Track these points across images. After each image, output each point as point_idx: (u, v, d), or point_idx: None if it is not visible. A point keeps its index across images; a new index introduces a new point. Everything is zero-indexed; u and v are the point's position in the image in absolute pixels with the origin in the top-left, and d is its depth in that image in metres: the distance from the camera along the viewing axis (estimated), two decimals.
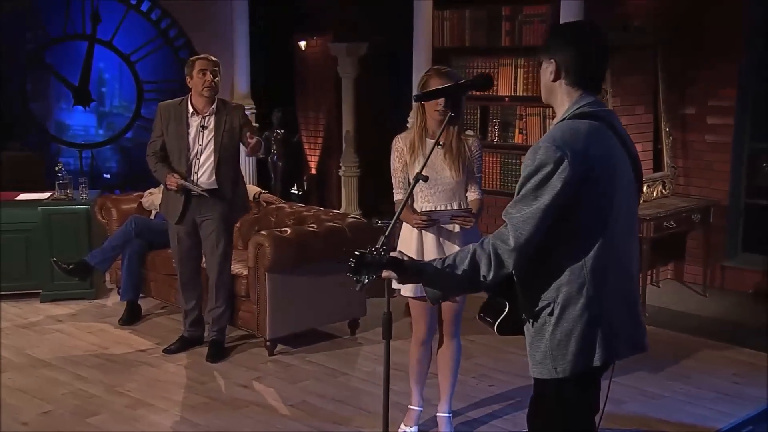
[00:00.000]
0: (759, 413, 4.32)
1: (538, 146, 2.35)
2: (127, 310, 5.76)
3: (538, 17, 6.12)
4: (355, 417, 4.26)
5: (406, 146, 3.81)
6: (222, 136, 4.89)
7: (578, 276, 2.38)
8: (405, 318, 5.79)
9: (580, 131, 2.39)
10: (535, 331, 2.45)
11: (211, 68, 4.87)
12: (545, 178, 2.32)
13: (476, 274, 2.38)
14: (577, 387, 2.46)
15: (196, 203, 4.95)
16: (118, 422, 4.21)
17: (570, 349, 2.39)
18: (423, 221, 3.70)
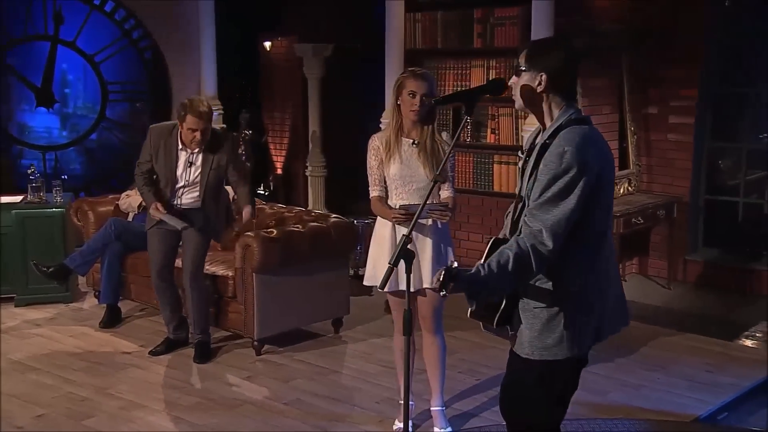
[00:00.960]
0: (733, 400, 4.57)
1: (562, 150, 2.52)
2: (108, 312, 5.77)
3: (510, 20, 6.31)
4: (350, 414, 4.37)
5: (382, 145, 3.93)
6: (208, 175, 4.95)
7: (590, 267, 2.63)
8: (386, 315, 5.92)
9: (588, 137, 2.59)
10: (548, 318, 2.63)
11: (201, 127, 4.81)
12: (572, 180, 2.50)
13: (526, 273, 2.56)
14: (579, 364, 2.73)
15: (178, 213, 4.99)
16: (114, 424, 4.25)
17: (584, 331, 2.64)
18: (400, 215, 3.81)
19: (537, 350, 2.65)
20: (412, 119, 3.83)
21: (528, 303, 2.66)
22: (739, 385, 4.72)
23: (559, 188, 2.51)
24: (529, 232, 2.55)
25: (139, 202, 6.01)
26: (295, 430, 4.18)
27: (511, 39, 6.31)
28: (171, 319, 5.22)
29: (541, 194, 2.55)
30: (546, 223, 2.52)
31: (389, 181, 3.91)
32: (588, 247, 2.62)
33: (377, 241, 3.97)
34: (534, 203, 2.56)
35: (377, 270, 3.95)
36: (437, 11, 6.72)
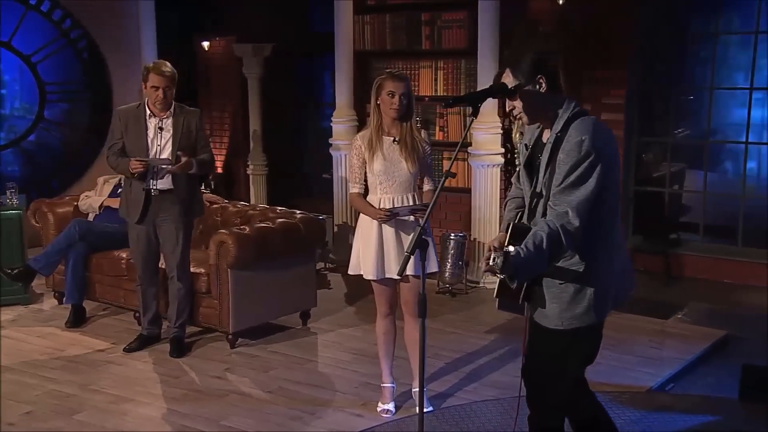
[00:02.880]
0: (678, 371, 5.07)
1: (580, 140, 2.89)
2: (73, 312, 5.86)
3: (456, 23, 6.70)
4: (333, 399, 4.64)
5: (364, 143, 4.24)
6: (180, 138, 5.10)
7: (606, 239, 3.03)
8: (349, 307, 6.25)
9: (597, 125, 2.98)
10: (575, 290, 3.01)
11: (164, 85, 5.00)
12: (591, 165, 2.89)
13: (559, 251, 2.93)
14: (601, 325, 3.13)
15: (155, 204, 5.15)
16: (105, 417, 4.40)
17: (606, 298, 3.04)
18: (386, 216, 4.14)
19: (566, 320, 3.03)
20: (392, 117, 4.15)
21: (552, 280, 3.03)
22: (682, 358, 5.23)
23: (580, 173, 2.89)
24: (556, 214, 2.91)
25: (100, 203, 6.13)
26: (283, 415, 4.43)
27: (458, 41, 6.70)
28: (146, 315, 5.37)
29: (564, 179, 2.91)
30: (571, 204, 2.89)
31: (373, 177, 4.21)
32: (604, 221, 3.00)
33: (363, 234, 4.26)
34: (557, 188, 2.93)
35: (362, 260, 4.26)
36: (385, 14, 7.04)
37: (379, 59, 7.15)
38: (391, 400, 4.45)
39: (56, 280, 6.14)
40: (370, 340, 5.48)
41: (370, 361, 5.12)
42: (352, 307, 6.23)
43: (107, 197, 6.16)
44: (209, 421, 4.35)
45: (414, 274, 4.16)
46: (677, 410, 4.41)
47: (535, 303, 3.11)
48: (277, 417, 4.41)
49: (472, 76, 6.57)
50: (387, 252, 4.20)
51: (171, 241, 5.18)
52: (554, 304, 3.06)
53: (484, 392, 4.69)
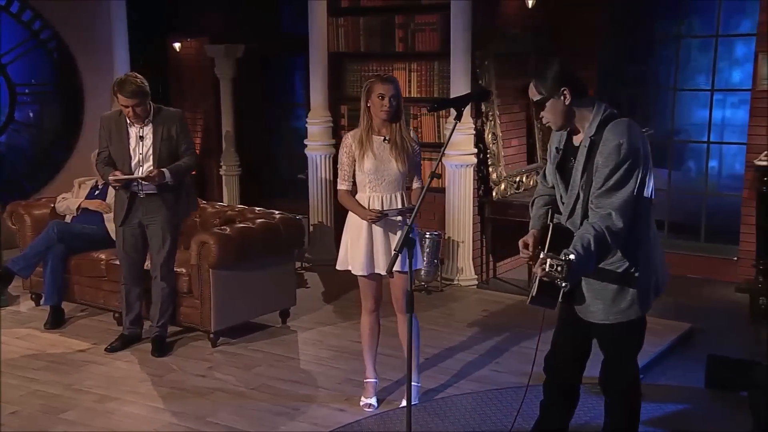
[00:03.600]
0: (647, 363, 5.25)
1: (619, 143, 3.06)
2: (52, 314, 5.90)
3: (430, 25, 6.85)
4: (316, 395, 4.76)
5: (355, 142, 4.38)
6: (159, 146, 5.17)
7: (647, 240, 3.23)
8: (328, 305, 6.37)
9: (632, 126, 3.15)
10: (618, 288, 3.20)
11: (131, 104, 5.03)
12: (630, 168, 3.07)
13: (607, 252, 3.10)
14: (644, 318, 3.35)
15: (141, 206, 5.22)
16: (93, 416, 4.48)
17: (648, 292, 3.25)
18: (376, 218, 4.29)
19: (612, 315, 3.22)
20: (382, 118, 4.29)
21: (594, 280, 3.19)
22: (650, 351, 5.39)
23: (621, 175, 3.06)
24: (599, 216, 3.07)
25: (77, 204, 6.18)
26: (268, 411, 4.54)
27: (431, 43, 6.85)
28: (129, 315, 5.44)
29: (605, 182, 3.08)
30: (614, 206, 3.06)
31: (363, 175, 4.34)
32: (642, 219, 3.18)
33: (352, 230, 4.39)
34: (599, 191, 3.09)
35: (350, 256, 4.39)
36: (359, 16, 7.17)
37: (354, 61, 7.28)
38: (373, 394, 4.58)
39: (33, 282, 6.17)
40: (350, 337, 5.64)
41: (350, 358, 5.26)
42: (330, 306, 6.35)
43: (84, 199, 6.20)
44: (195, 418, 4.45)
45: (402, 270, 4.29)
46: (648, 399, 4.55)
47: (576, 300, 3.28)
48: (262, 413, 4.52)
49: (445, 78, 6.72)
50: (376, 248, 4.33)
51: (158, 242, 5.25)
52: (598, 301, 3.25)
53: (464, 386, 4.85)
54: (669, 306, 6.40)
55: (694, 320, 6.00)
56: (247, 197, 9.15)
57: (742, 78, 7.26)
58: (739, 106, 7.31)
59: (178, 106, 9.74)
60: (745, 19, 7.15)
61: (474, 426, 4.29)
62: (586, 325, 3.35)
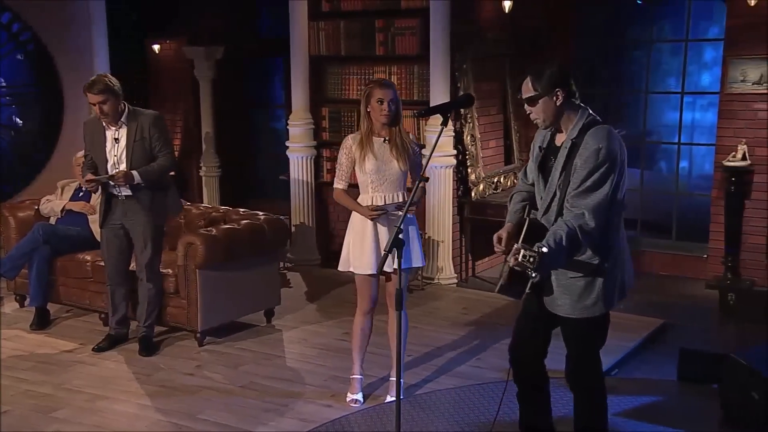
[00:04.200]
0: (622, 358, 5.45)
1: (599, 147, 3.23)
2: (37, 315, 5.96)
3: (409, 29, 6.98)
4: (303, 391, 4.87)
5: (355, 144, 4.51)
6: (132, 148, 5.23)
7: (616, 240, 3.39)
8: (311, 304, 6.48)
9: (612, 133, 3.33)
10: (585, 284, 3.36)
11: (98, 101, 5.12)
12: (606, 172, 3.24)
13: (577, 249, 3.26)
14: (607, 316, 3.50)
15: (120, 208, 5.31)
16: (83, 415, 4.56)
17: (613, 291, 3.40)
18: (377, 214, 4.42)
19: (578, 310, 3.38)
20: (382, 122, 4.43)
21: (564, 273, 3.35)
22: (625, 346, 5.60)
23: (597, 178, 3.23)
24: (573, 215, 3.24)
25: (62, 206, 6.24)
26: (256, 408, 4.65)
27: (411, 47, 6.98)
28: (115, 315, 5.52)
29: (581, 183, 3.24)
30: (588, 207, 3.23)
31: (365, 176, 4.46)
32: (614, 221, 3.35)
33: (355, 231, 4.51)
34: (575, 191, 3.25)
35: (353, 256, 4.51)
36: (340, 20, 7.28)
37: (334, 64, 7.39)
38: (359, 390, 4.70)
39: (18, 283, 6.22)
40: (334, 335, 5.77)
41: (335, 355, 5.38)
42: (314, 305, 6.47)
43: (69, 201, 6.26)
44: (186, 415, 4.55)
45: (410, 266, 4.50)
46: (623, 392, 4.77)
47: (545, 292, 3.45)
48: (250, 410, 4.63)
49: (425, 80, 6.86)
50: (381, 249, 4.42)
51: (140, 243, 5.34)
52: (566, 295, 3.41)
53: (447, 382, 4.99)
54: (642, 302, 6.60)
55: (667, 316, 6.21)
56: (226, 198, 9.23)
57: (710, 81, 7.50)
58: (708, 108, 7.54)
59: (158, 107, 9.79)
60: (713, 25, 7.37)
61: (458, 419, 4.44)
62: (550, 316, 3.51)
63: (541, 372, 3.74)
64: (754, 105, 6.85)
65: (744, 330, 6.00)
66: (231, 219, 5.92)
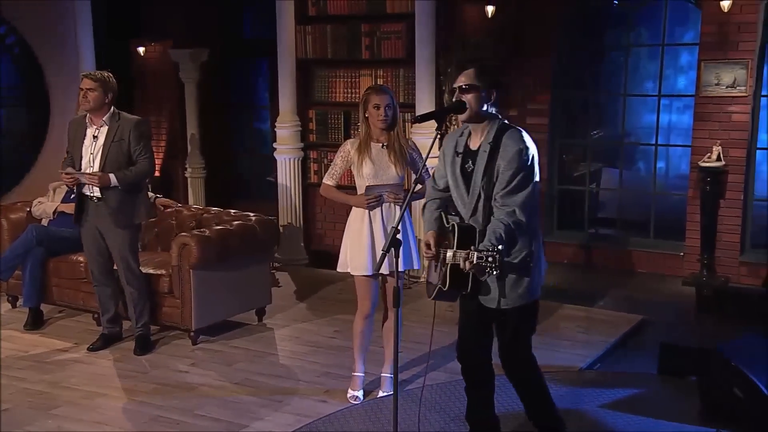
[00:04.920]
0: (604, 353, 5.62)
1: (520, 149, 3.45)
2: (31, 315, 6.03)
3: (395, 34, 7.13)
4: (297, 388, 4.99)
5: (353, 149, 4.63)
6: (108, 147, 5.27)
7: (537, 232, 3.62)
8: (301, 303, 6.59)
9: (528, 136, 3.56)
10: (517, 276, 3.55)
11: (88, 87, 5.23)
12: (530, 170, 3.48)
13: (514, 244, 3.47)
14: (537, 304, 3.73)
15: (92, 211, 5.35)
16: (81, 412, 4.65)
17: (540, 280, 3.64)
18: (373, 201, 4.53)
19: (510, 301, 3.55)
20: (380, 127, 4.55)
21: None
22: (606, 341, 5.79)
23: (522, 177, 3.46)
24: (505, 213, 3.44)
25: (54, 208, 6.30)
26: (252, 404, 4.76)
27: (396, 51, 7.13)
28: (105, 315, 5.60)
29: (508, 183, 3.45)
30: (517, 203, 3.44)
31: (363, 180, 4.58)
32: (534, 214, 3.57)
33: (352, 232, 4.63)
34: (504, 191, 3.46)
35: (351, 257, 4.62)
36: (326, 24, 7.40)
37: (321, 67, 7.51)
38: (360, 387, 4.80)
39: (9, 284, 6.29)
40: (324, 333, 5.90)
41: (326, 353, 5.51)
42: (303, 304, 6.58)
43: (60, 203, 6.33)
44: (183, 411, 4.65)
45: (407, 268, 4.68)
46: (606, 386, 4.95)
47: (482, 291, 3.61)
48: (246, 405, 4.74)
49: (410, 83, 7.00)
50: (378, 248, 4.53)
51: (114, 248, 5.40)
52: (497, 289, 3.59)
53: (437, 377, 5.12)
54: (621, 299, 6.81)
55: (645, 312, 6.38)
56: (211, 199, 9.31)
57: (686, 84, 7.71)
58: (684, 111, 7.77)
59: (143, 109, 9.87)
60: (688, 31, 7.59)
61: (450, 413, 4.57)
62: (487, 312, 3.67)
63: (485, 367, 3.86)
64: (728, 108, 7.07)
65: (720, 325, 6.19)
66: (223, 220, 6.02)
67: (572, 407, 4.58)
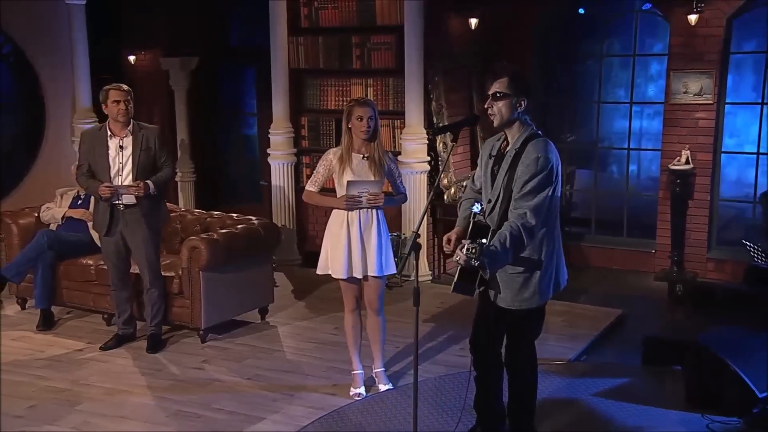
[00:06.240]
0: (588, 345, 5.88)
1: (538, 156, 3.60)
2: (42, 316, 6.13)
3: (384, 45, 7.31)
4: (305, 383, 5.16)
5: (335, 158, 4.79)
6: (139, 155, 5.46)
7: (551, 239, 3.75)
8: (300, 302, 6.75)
9: (550, 145, 3.71)
10: (524, 279, 3.72)
11: (124, 98, 5.41)
12: (546, 177, 3.61)
13: (522, 246, 3.60)
14: (543, 308, 3.87)
15: (120, 217, 5.50)
16: (104, 407, 4.78)
17: (550, 286, 3.77)
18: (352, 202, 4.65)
19: (517, 302, 3.74)
20: (362, 138, 4.72)
21: (505, 269, 3.71)
22: (590, 334, 6.04)
23: (537, 183, 3.59)
24: (516, 215, 3.60)
25: (62, 213, 6.39)
26: (265, 398, 4.92)
27: (386, 61, 7.32)
28: (121, 317, 5.73)
29: (523, 187, 3.61)
30: (529, 207, 3.59)
31: (342, 189, 4.74)
32: (549, 225, 3.71)
33: (331, 237, 4.78)
34: (518, 195, 3.62)
35: (330, 261, 4.78)
36: (318, 36, 7.57)
37: (313, 76, 7.68)
38: (362, 384, 4.96)
39: (19, 287, 6.37)
40: (324, 330, 6.08)
41: (330, 349, 5.69)
42: (302, 302, 6.75)
43: (68, 208, 6.42)
44: (201, 405, 4.80)
45: (375, 275, 4.76)
46: (596, 376, 5.20)
47: (492, 288, 3.81)
48: (260, 399, 4.90)
49: (400, 92, 7.20)
50: (353, 253, 4.72)
51: (140, 251, 5.54)
52: (507, 290, 3.78)
53: (434, 370, 5.33)
54: (599, 295, 7.09)
55: (622, 306, 6.65)
56: (201, 202, 9.42)
57: (656, 92, 8.01)
58: (654, 117, 8.06)
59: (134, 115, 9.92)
60: (658, 42, 7.89)
61: (448, 404, 4.76)
62: (498, 310, 3.87)
63: (496, 360, 4.05)
64: (696, 114, 7.40)
65: (692, 318, 6.47)
66: (226, 224, 6.16)
67: (568, 396, 4.82)
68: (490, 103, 3.76)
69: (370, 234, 4.77)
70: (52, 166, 8.60)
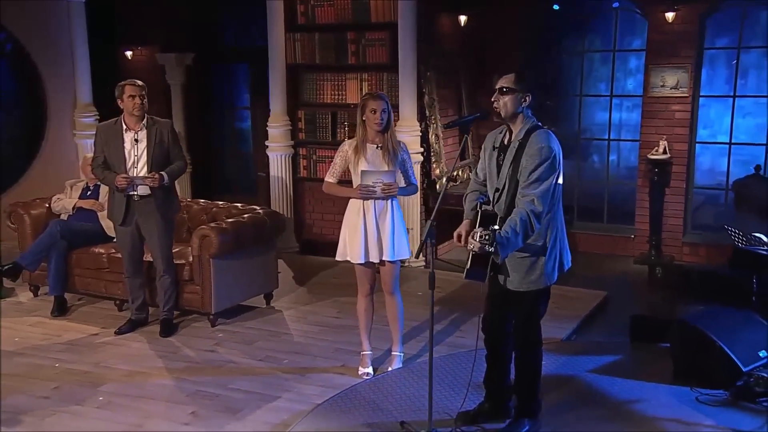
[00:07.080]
0: (578, 325, 6.07)
1: (542, 146, 3.76)
2: (56, 303, 6.20)
3: (379, 41, 7.42)
4: (315, 363, 5.28)
5: (350, 149, 4.91)
6: (153, 148, 5.55)
7: (555, 224, 3.91)
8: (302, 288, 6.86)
9: (552, 136, 3.87)
10: (531, 262, 3.89)
11: (139, 93, 5.50)
12: (550, 165, 3.77)
13: (531, 231, 3.75)
14: (549, 289, 4.03)
15: (135, 207, 5.58)
16: (127, 388, 4.88)
17: (555, 268, 3.94)
18: (366, 191, 4.78)
19: (525, 284, 3.91)
20: (376, 130, 4.84)
21: (513, 254, 3.87)
22: (579, 315, 6.23)
23: (542, 171, 3.75)
24: (525, 201, 3.75)
25: (73, 204, 6.45)
26: (279, 377, 5.04)
27: (380, 57, 7.43)
28: (135, 303, 5.81)
29: (529, 176, 3.76)
30: (536, 194, 3.74)
31: (357, 177, 4.88)
32: (553, 211, 3.88)
33: (349, 224, 4.92)
34: (525, 183, 3.77)
35: (349, 247, 4.92)
36: (314, 32, 7.66)
37: (309, 72, 7.77)
38: (370, 364, 5.08)
39: (33, 275, 6.42)
40: (329, 314, 6.21)
41: (335, 331, 5.82)
42: (304, 288, 6.88)
43: (78, 199, 6.48)
44: (218, 386, 4.91)
45: (389, 259, 4.89)
46: (589, 353, 5.38)
47: (502, 272, 3.97)
48: (273, 378, 5.02)
49: (394, 87, 7.32)
50: (370, 239, 4.87)
51: (154, 239, 5.63)
52: (515, 273, 3.94)
53: (440, 350, 5.48)
54: (584, 278, 7.25)
55: (605, 288, 6.86)
56: (196, 193, 9.48)
57: (635, 86, 8.21)
58: (633, 109, 8.26)
59: None
60: (636, 38, 8.09)
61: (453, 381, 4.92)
62: (507, 293, 4.03)
63: (505, 339, 4.22)
64: (672, 106, 7.62)
65: (671, 298, 6.70)
66: (232, 213, 6.26)
67: (565, 373, 5.00)
68: (497, 97, 3.90)
69: (384, 221, 4.88)
70: (53, 162, 8.62)
